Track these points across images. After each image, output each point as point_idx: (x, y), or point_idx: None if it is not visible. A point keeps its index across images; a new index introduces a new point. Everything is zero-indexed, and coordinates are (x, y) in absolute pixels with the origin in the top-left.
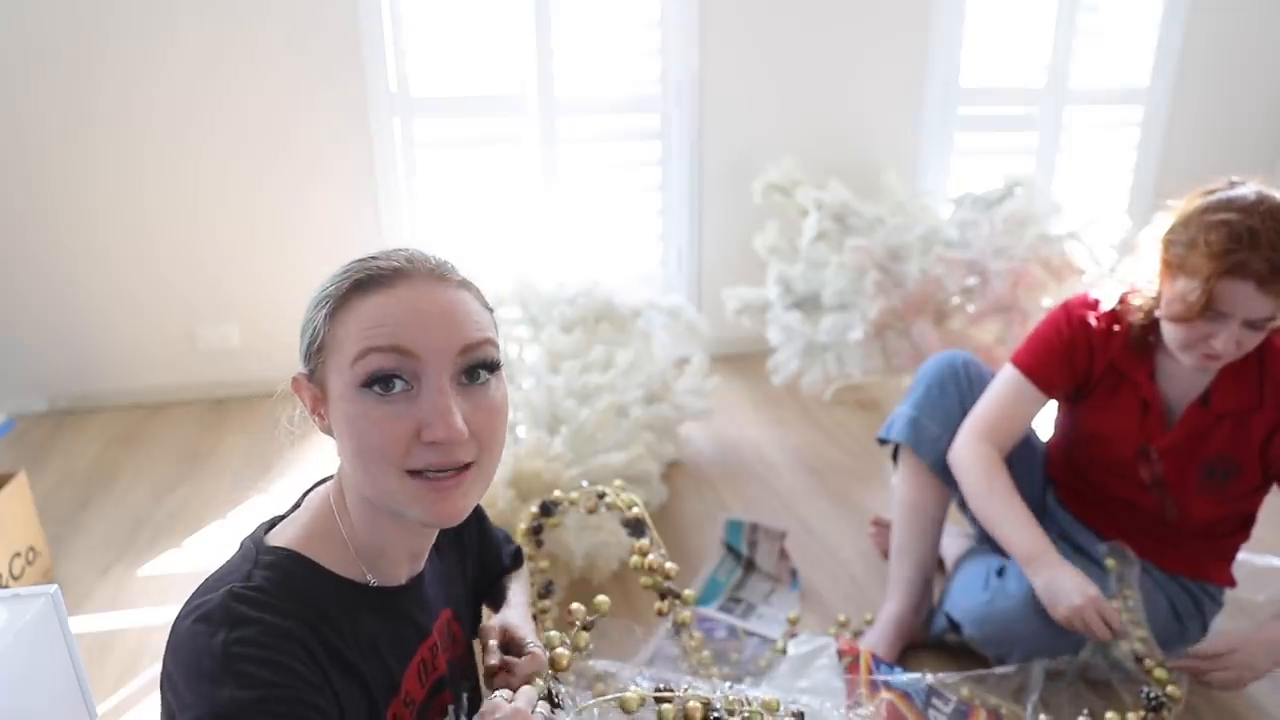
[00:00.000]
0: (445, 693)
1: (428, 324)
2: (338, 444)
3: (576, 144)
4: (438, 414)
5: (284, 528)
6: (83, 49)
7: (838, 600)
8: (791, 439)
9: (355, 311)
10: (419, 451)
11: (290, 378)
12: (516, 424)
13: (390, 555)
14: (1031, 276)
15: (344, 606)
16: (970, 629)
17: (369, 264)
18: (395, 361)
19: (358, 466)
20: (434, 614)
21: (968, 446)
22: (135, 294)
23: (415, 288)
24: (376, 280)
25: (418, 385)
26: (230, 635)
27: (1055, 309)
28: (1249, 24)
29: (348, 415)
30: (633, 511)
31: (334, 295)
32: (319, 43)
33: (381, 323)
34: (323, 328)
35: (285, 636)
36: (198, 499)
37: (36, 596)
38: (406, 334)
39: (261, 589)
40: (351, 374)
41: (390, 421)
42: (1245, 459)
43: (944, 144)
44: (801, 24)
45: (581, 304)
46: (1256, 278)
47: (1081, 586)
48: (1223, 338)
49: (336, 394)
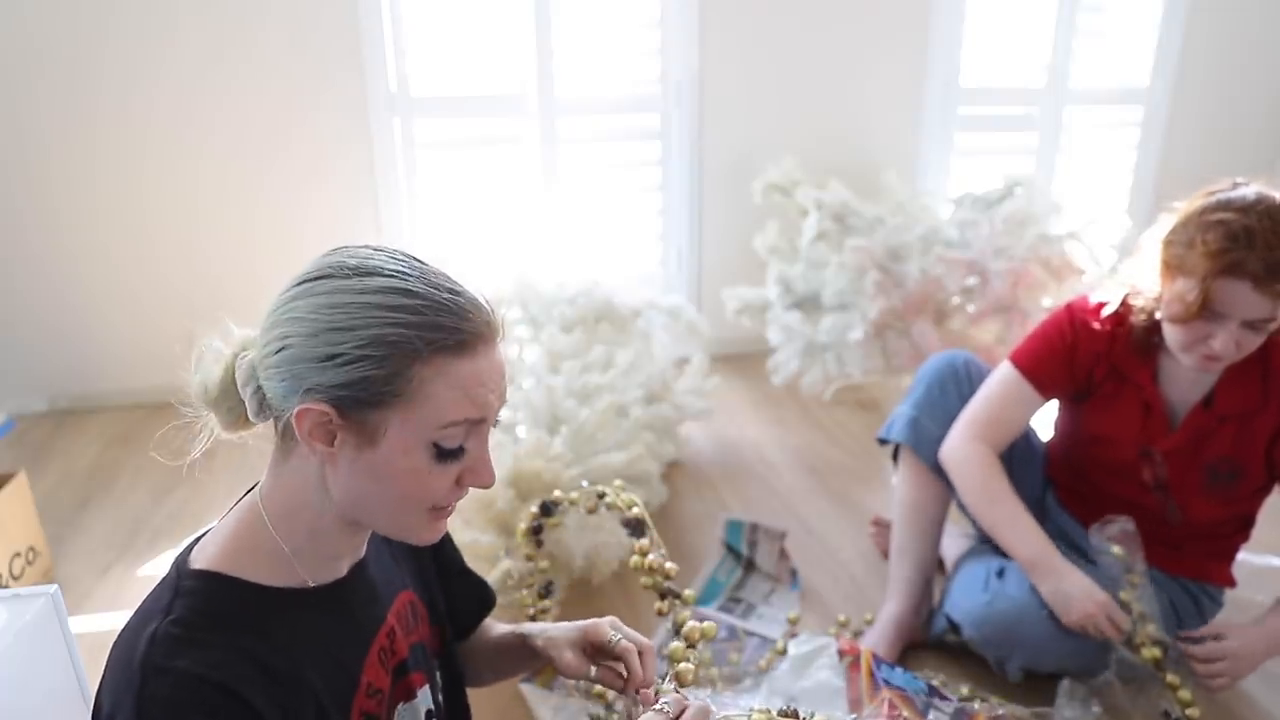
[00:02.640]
0: (411, 675)
1: (499, 392)
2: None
3: (576, 144)
4: (485, 467)
5: (205, 545)
6: (83, 49)
7: (838, 600)
8: (791, 439)
9: (447, 375)
10: (453, 495)
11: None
12: (516, 424)
13: (335, 554)
14: (1031, 276)
15: (277, 618)
16: (970, 630)
17: (454, 322)
18: (474, 429)
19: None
20: (388, 599)
21: (962, 446)
22: (135, 294)
23: (489, 355)
24: (470, 346)
25: (473, 439)
26: (144, 691)
27: (1058, 309)
28: (1249, 24)
29: (408, 468)
30: (633, 511)
31: (414, 348)
32: (319, 43)
33: (475, 395)
34: (401, 377)
35: (199, 683)
36: (198, 499)
37: (36, 596)
38: (487, 405)
39: (182, 621)
40: (433, 434)
41: (444, 475)
42: (1249, 461)
43: (944, 144)
44: (801, 24)
45: (581, 304)
46: (1253, 277)
47: (1090, 591)
48: (1221, 338)
49: (398, 445)
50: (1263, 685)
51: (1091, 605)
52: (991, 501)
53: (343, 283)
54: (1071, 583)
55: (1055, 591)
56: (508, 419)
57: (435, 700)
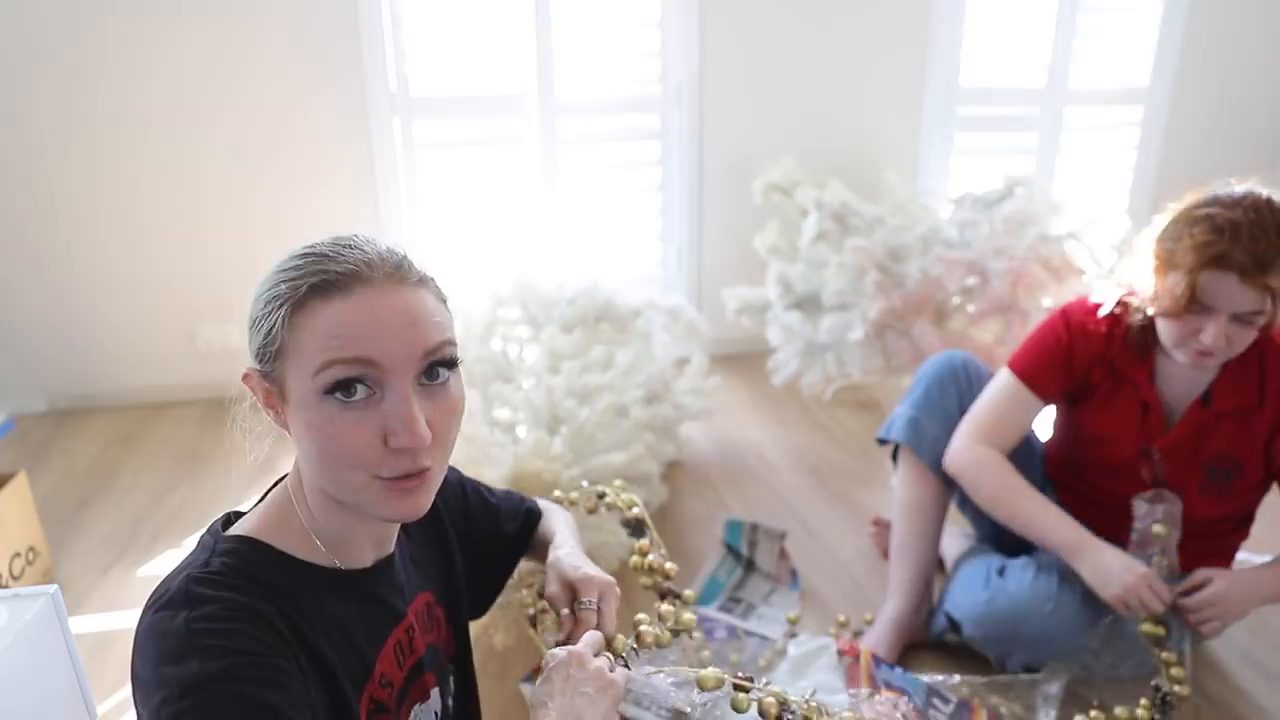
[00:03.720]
0: (426, 674)
1: (389, 331)
2: (297, 443)
3: (576, 144)
4: (403, 422)
5: (243, 520)
6: (83, 49)
7: (838, 600)
8: (791, 439)
9: (314, 317)
10: (389, 460)
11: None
12: (516, 424)
13: (353, 541)
14: (1031, 276)
15: (305, 590)
16: (970, 629)
17: (325, 265)
18: (358, 370)
19: (322, 469)
20: (409, 597)
21: (969, 451)
22: (135, 294)
23: (375, 294)
24: (335, 285)
25: (381, 391)
26: (191, 614)
27: (1054, 314)
28: (1249, 24)
29: (310, 421)
30: (633, 511)
31: (290, 298)
32: (319, 43)
33: (342, 333)
34: (280, 330)
35: (246, 609)
36: (198, 499)
37: (36, 596)
38: (368, 343)
39: (220, 572)
40: (314, 383)
41: (355, 428)
42: (1247, 458)
43: (944, 144)
44: (801, 24)
45: (581, 304)
46: (1238, 269)
47: (1130, 565)
48: (1211, 331)
49: (297, 398)
50: (1263, 685)
51: (1131, 578)
52: (1014, 497)
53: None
54: (1110, 558)
55: (1095, 568)
56: (507, 419)
57: (444, 703)
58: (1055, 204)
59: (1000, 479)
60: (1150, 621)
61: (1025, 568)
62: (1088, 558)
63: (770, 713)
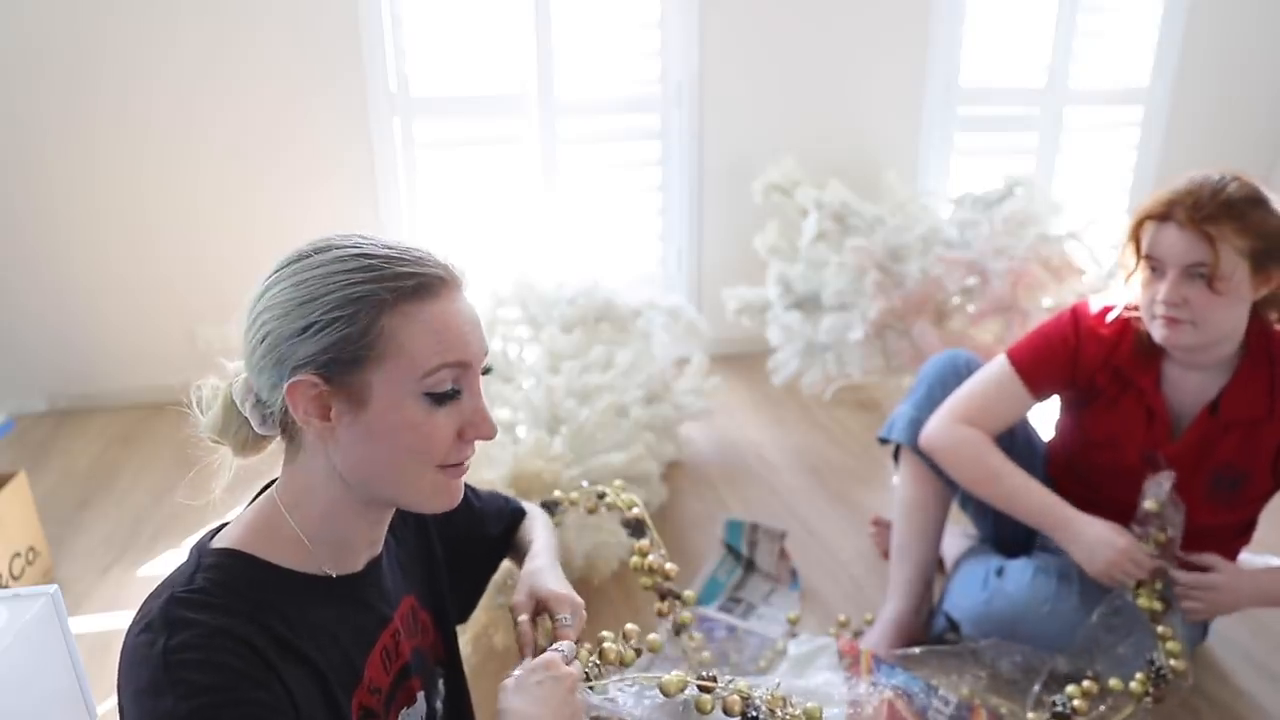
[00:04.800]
0: (412, 679)
1: (475, 334)
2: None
3: (576, 144)
4: (484, 417)
5: (228, 530)
6: (83, 49)
7: (838, 600)
8: (791, 439)
9: (417, 320)
10: (457, 449)
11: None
12: (516, 424)
13: (351, 545)
14: (1031, 276)
15: (292, 600)
16: (969, 628)
17: (410, 268)
18: (458, 375)
19: (390, 465)
20: (394, 601)
21: (950, 429)
22: (135, 294)
23: (455, 298)
24: (429, 289)
25: (462, 388)
26: (169, 642)
27: (1064, 313)
28: (1249, 24)
29: (402, 421)
30: (633, 511)
31: (381, 300)
32: (319, 43)
33: (450, 337)
34: (373, 330)
35: (224, 634)
36: (198, 499)
37: (36, 596)
38: (464, 346)
39: (202, 589)
40: (418, 385)
41: (444, 426)
42: (1254, 469)
43: (944, 144)
44: (801, 24)
45: (581, 304)
46: (1177, 218)
47: (1111, 539)
48: (1165, 289)
49: (387, 400)
50: (1263, 685)
51: (1113, 552)
52: (997, 476)
53: (304, 263)
54: (1094, 532)
55: (1079, 542)
56: (507, 419)
57: (431, 707)
58: (1055, 204)
59: (982, 457)
60: (1148, 596)
61: (1024, 569)
62: (1072, 532)
63: (734, 709)
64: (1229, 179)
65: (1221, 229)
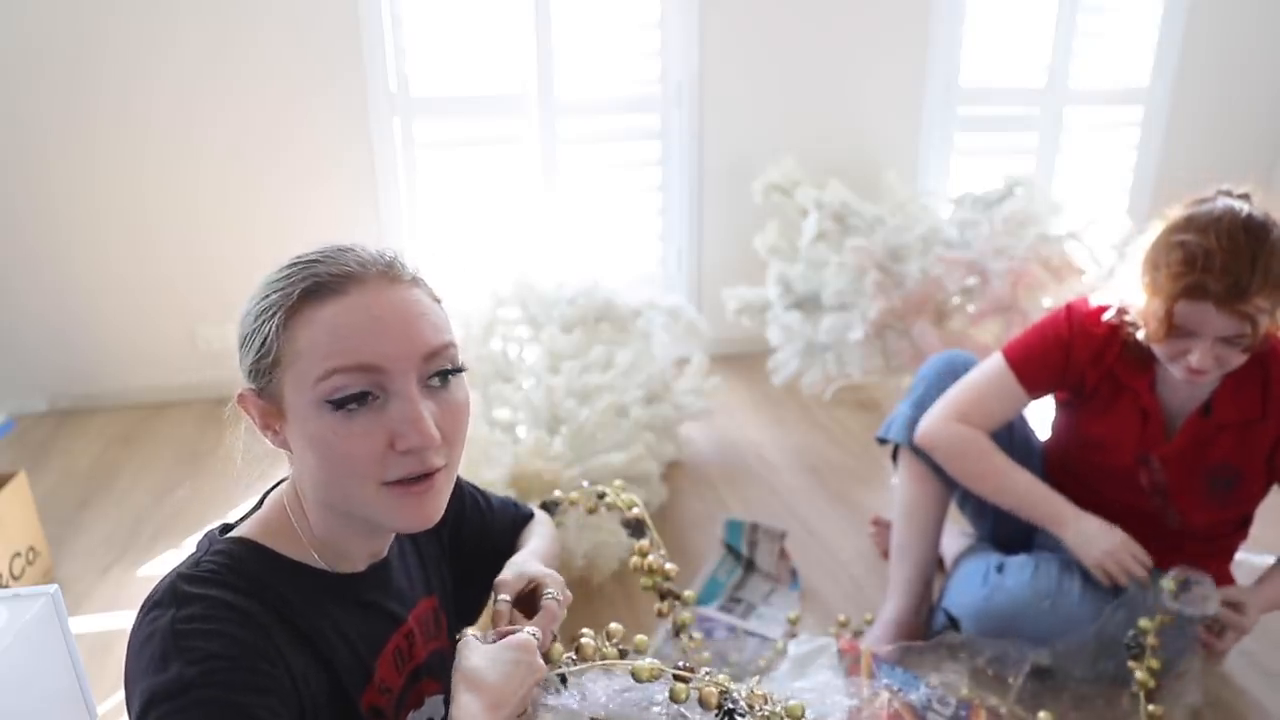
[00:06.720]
0: (424, 681)
1: (388, 333)
2: (298, 458)
3: (576, 144)
4: (410, 423)
5: (239, 525)
6: (83, 49)
7: (838, 600)
8: (791, 439)
9: (310, 323)
10: (395, 462)
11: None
12: (516, 424)
13: (350, 552)
14: (1031, 276)
15: (299, 590)
16: (969, 625)
17: (316, 268)
18: (362, 380)
19: (328, 482)
20: (410, 601)
21: (946, 426)
22: (135, 294)
23: (369, 293)
24: (328, 287)
25: (385, 395)
26: (178, 613)
27: (1057, 309)
28: (1249, 24)
29: (314, 434)
30: (633, 511)
31: (282, 305)
32: (319, 42)
33: (341, 338)
34: (275, 340)
35: (230, 608)
36: (198, 499)
37: (36, 596)
38: (369, 348)
39: (210, 569)
40: (314, 393)
41: (361, 437)
42: (1249, 468)
43: (944, 144)
44: (801, 24)
45: (581, 304)
46: (1214, 299)
47: (1108, 531)
48: (1198, 354)
49: (297, 411)
50: (1263, 685)
51: (1110, 544)
52: (995, 471)
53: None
54: (1091, 525)
55: (1076, 535)
56: (507, 419)
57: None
58: (1055, 204)
59: (982, 454)
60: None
61: (1024, 565)
62: (1069, 525)
63: (710, 701)
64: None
65: (1259, 303)
